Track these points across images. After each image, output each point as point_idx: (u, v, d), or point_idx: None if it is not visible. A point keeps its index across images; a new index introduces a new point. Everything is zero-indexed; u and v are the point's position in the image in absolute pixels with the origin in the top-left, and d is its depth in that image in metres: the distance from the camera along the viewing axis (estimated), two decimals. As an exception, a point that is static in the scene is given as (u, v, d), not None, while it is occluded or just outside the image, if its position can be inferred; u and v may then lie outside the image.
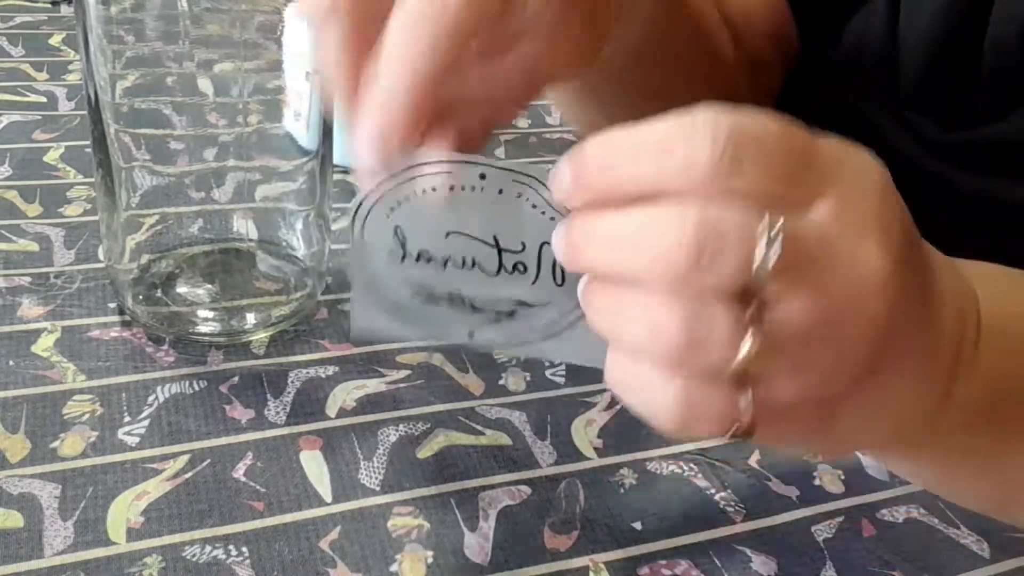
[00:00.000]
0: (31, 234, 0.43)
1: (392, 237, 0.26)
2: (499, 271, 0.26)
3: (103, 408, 0.34)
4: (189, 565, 0.29)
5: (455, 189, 0.25)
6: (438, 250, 0.26)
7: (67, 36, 0.63)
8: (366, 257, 0.26)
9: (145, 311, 0.38)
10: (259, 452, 0.34)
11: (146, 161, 0.37)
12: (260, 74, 0.37)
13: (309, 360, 0.38)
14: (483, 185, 0.25)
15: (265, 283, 0.40)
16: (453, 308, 0.27)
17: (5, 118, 0.52)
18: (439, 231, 0.26)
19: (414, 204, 0.26)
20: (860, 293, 0.22)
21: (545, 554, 0.31)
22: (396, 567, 0.30)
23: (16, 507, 0.30)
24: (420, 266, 0.26)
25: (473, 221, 0.26)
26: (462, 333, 0.27)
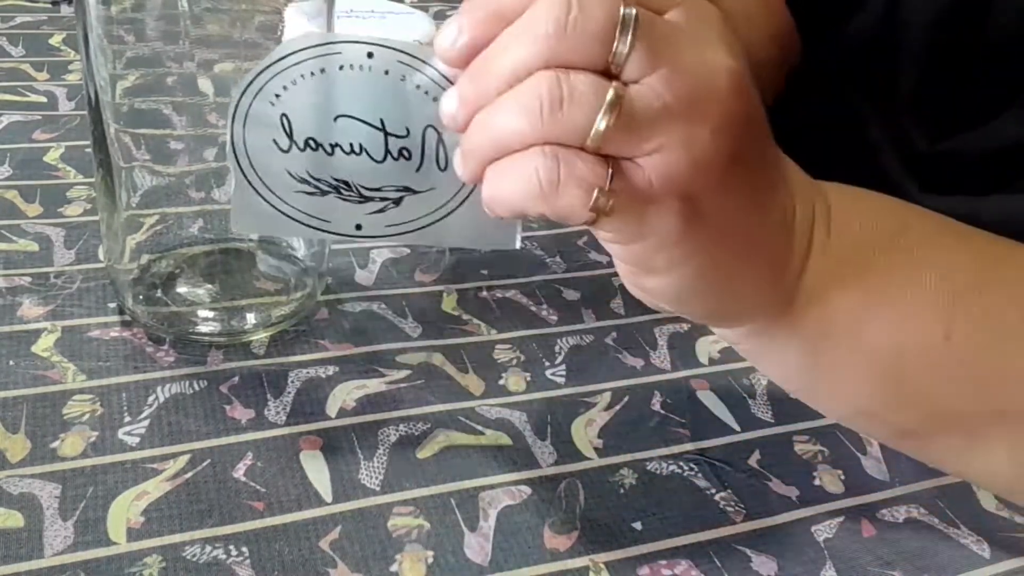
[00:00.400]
0: (31, 234, 0.43)
1: (278, 126, 0.26)
2: (385, 158, 0.27)
3: (103, 408, 0.34)
4: (189, 565, 0.29)
5: (343, 69, 0.26)
6: (325, 136, 0.26)
7: (67, 36, 0.63)
8: (249, 150, 0.27)
9: (145, 311, 0.38)
10: (259, 452, 0.34)
11: (146, 161, 0.37)
12: (260, 74, 0.37)
13: (309, 360, 0.38)
14: (371, 64, 0.26)
15: (265, 283, 0.40)
16: (340, 198, 0.27)
17: (5, 118, 0.52)
18: (327, 115, 0.26)
19: (302, 88, 0.26)
20: (712, 78, 0.24)
21: (545, 554, 0.31)
22: (396, 567, 0.30)
23: (16, 507, 0.30)
24: (307, 154, 0.26)
25: (361, 103, 0.26)
26: (349, 225, 0.27)
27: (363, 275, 0.44)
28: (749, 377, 0.41)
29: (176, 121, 0.37)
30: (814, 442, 0.38)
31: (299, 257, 0.41)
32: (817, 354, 0.31)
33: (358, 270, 0.44)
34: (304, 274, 0.41)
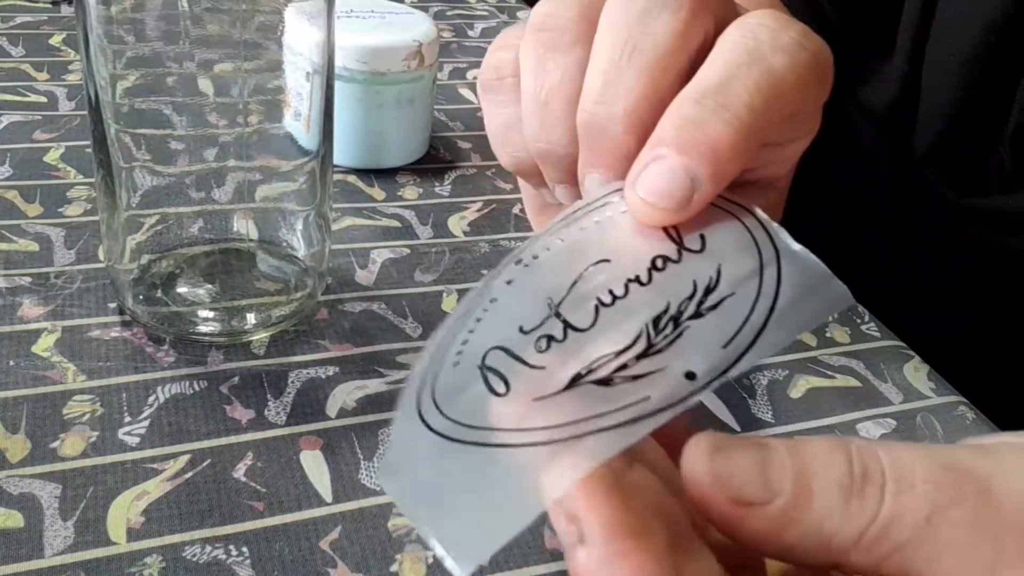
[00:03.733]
0: (31, 234, 0.43)
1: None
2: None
3: (103, 408, 0.34)
4: (189, 565, 0.29)
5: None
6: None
7: (67, 36, 0.63)
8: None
9: (145, 311, 0.38)
10: (259, 452, 0.34)
11: (146, 161, 0.37)
12: (260, 74, 0.37)
13: (309, 360, 0.38)
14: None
15: (265, 283, 0.40)
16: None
17: (5, 118, 0.52)
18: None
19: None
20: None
21: (545, 554, 0.31)
22: (396, 567, 0.30)
23: (16, 507, 0.30)
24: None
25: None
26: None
27: (363, 275, 0.44)
28: (749, 377, 0.41)
29: (176, 121, 0.37)
30: (814, 442, 0.38)
31: (299, 257, 0.41)
32: None
33: (358, 270, 0.44)
34: (304, 274, 0.41)
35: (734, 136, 0.23)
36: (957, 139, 0.49)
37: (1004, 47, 0.45)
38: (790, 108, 0.24)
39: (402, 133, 0.52)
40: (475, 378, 0.21)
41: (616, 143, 0.25)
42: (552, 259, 0.24)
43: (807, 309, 0.21)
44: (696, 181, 0.22)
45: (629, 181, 0.23)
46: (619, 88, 0.25)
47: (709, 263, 0.22)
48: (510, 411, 0.20)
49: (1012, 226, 0.48)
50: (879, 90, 0.52)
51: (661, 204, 0.23)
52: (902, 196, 0.54)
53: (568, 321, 0.22)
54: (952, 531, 0.19)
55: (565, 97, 0.26)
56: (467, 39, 0.73)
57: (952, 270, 0.53)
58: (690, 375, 0.20)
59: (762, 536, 0.19)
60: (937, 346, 0.45)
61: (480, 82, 0.30)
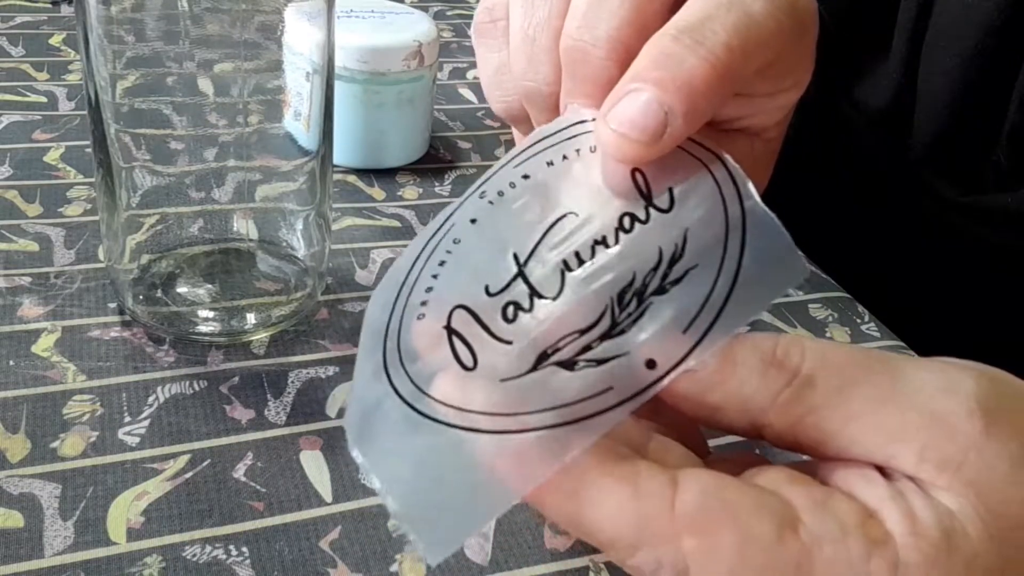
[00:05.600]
0: (31, 234, 0.43)
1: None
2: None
3: (103, 408, 0.34)
4: (189, 565, 0.29)
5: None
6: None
7: (67, 36, 0.63)
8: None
9: (145, 311, 0.38)
10: (259, 452, 0.34)
11: (146, 161, 0.37)
12: (260, 74, 0.37)
13: (309, 360, 0.38)
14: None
15: (265, 283, 0.40)
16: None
17: (5, 118, 0.52)
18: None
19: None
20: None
21: (545, 554, 0.31)
22: (396, 567, 0.30)
23: (16, 507, 0.30)
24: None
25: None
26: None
27: (363, 275, 0.44)
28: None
29: (176, 121, 0.37)
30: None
31: (299, 257, 0.41)
32: None
33: (358, 270, 0.44)
34: (304, 274, 0.41)
35: (710, 73, 0.23)
36: (954, 140, 0.49)
37: (1000, 49, 0.45)
38: (769, 53, 0.24)
39: (402, 133, 0.52)
40: (442, 341, 0.21)
41: (598, 69, 0.25)
42: (517, 199, 0.24)
43: (766, 284, 0.21)
44: (670, 115, 0.22)
45: (601, 114, 0.23)
46: (602, 12, 0.24)
47: (676, 227, 0.22)
48: (479, 391, 0.20)
49: (1011, 224, 0.48)
50: (875, 91, 0.52)
51: (633, 135, 0.22)
52: (900, 195, 0.54)
53: (534, 287, 0.22)
54: (861, 402, 0.21)
55: (552, 31, 0.26)
56: (467, 39, 0.73)
57: (951, 269, 0.53)
58: (650, 363, 0.21)
59: (689, 397, 0.21)
60: (937, 346, 0.45)
61: (474, 26, 0.30)
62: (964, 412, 0.21)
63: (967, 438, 0.20)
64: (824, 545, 0.20)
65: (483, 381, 0.21)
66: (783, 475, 0.22)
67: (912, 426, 0.21)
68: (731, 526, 0.20)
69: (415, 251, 0.24)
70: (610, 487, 0.20)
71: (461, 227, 0.24)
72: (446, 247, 0.23)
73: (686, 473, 0.20)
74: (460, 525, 0.20)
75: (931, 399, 0.21)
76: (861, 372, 0.21)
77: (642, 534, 0.20)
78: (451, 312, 0.22)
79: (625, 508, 0.20)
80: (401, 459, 0.21)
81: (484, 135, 0.58)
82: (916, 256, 0.55)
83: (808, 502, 0.20)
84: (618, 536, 0.20)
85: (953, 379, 0.21)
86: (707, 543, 0.20)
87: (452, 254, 0.23)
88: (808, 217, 0.44)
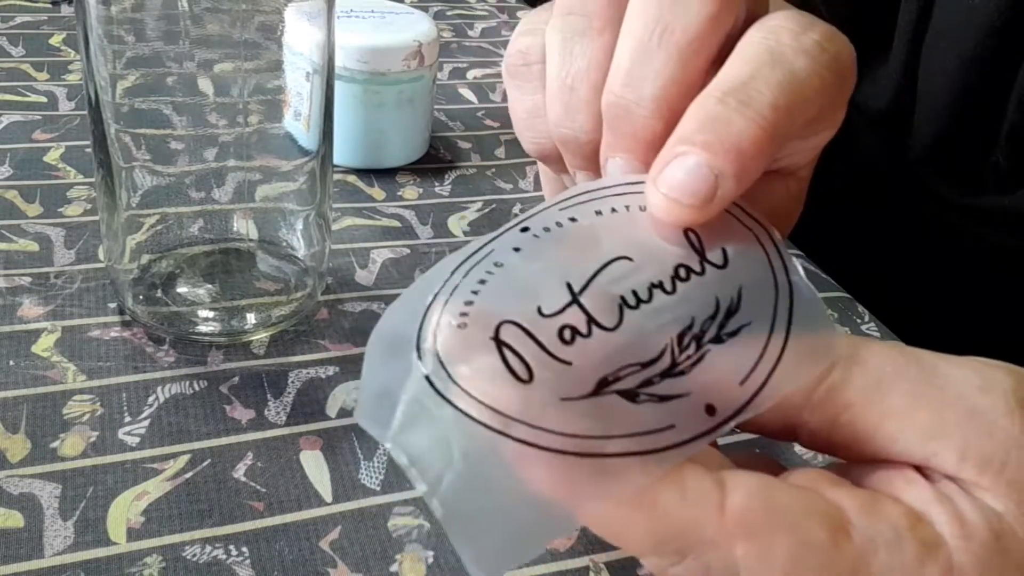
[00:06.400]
0: (31, 234, 0.43)
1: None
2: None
3: (103, 408, 0.34)
4: (189, 565, 0.29)
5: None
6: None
7: (67, 36, 0.63)
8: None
9: (145, 311, 0.38)
10: (259, 452, 0.34)
11: (146, 161, 0.37)
12: (260, 74, 0.37)
13: (309, 360, 0.38)
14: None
15: (265, 283, 0.40)
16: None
17: (5, 118, 0.52)
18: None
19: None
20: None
21: (545, 554, 0.31)
22: (396, 567, 0.30)
23: (16, 507, 0.30)
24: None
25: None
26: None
27: (363, 275, 0.44)
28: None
29: (176, 121, 0.37)
30: (814, 442, 0.38)
31: (299, 257, 0.41)
32: None
33: (358, 270, 0.44)
34: (304, 274, 0.41)
35: (758, 134, 0.22)
36: (954, 141, 0.49)
37: (1000, 50, 0.45)
38: (813, 110, 0.24)
39: (402, 133, 0.52)
40: (488, 350, 0.20)
41: (642, 127, 0.25)
42: (565, 237, 0.23)
43: (811, 355, 0.22)
44: (720, 178, 0.22)
45: (651, 178, 0.23)
46: (648, 70, 0.24)
47: (731, 283, 0.22)
48: (534, 404, 0.20)
49: (1010, 225, 0.48)
50: (875, 91, 0.52)
51: (683, 200, 0.22)
52: (900, 196, 0.54)
53: (592, 315, 0.21)
54: (898, 399, 0.21)
55: (591, 82, 0.26)
56: (467, 39, 0.73)
57: (951, 269, 0.53)
58: (710, 409, 0.21)
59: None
60: (937, 346, 0.45)
61: (506, 66, 0.29)
62: (1004, 409, 0.20)
63: (1009, 436, 0.20)
64: (879, 549, 0.19)
65: (546, 396, 0.20)
66: (822, 477, 0.21)
67: (951, 423, 0.20)
68: (785, 530, 0.19)
69: (447, 269, 0.23)
70: (656, 491, 0.19)
71: (503, 253, 0.23)
72: (486, 268, 0.23)
73: (732, 475, 0.20)
74: (516, 542, 0.20)
75: (969, 396, 0.21)
76: (895, 368, 0.21)
77: (691, 539, 0.19)
78: (499, 326, 0.21)
79: (673, 512, 0.19)
80: (449, 463, 0.20)
81: (484, 135, 0.58)
82: (916, 256, 0.55)
83: (857, 504, 0.20)
84: (665, 542, 0.19)
85: (989, 376, 0.21)
86: (760, 548, 0.19)
87: (494, 275, 0.22)
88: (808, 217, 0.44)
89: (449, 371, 0.20)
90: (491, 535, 0.19)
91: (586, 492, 0.19)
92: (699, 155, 0.22)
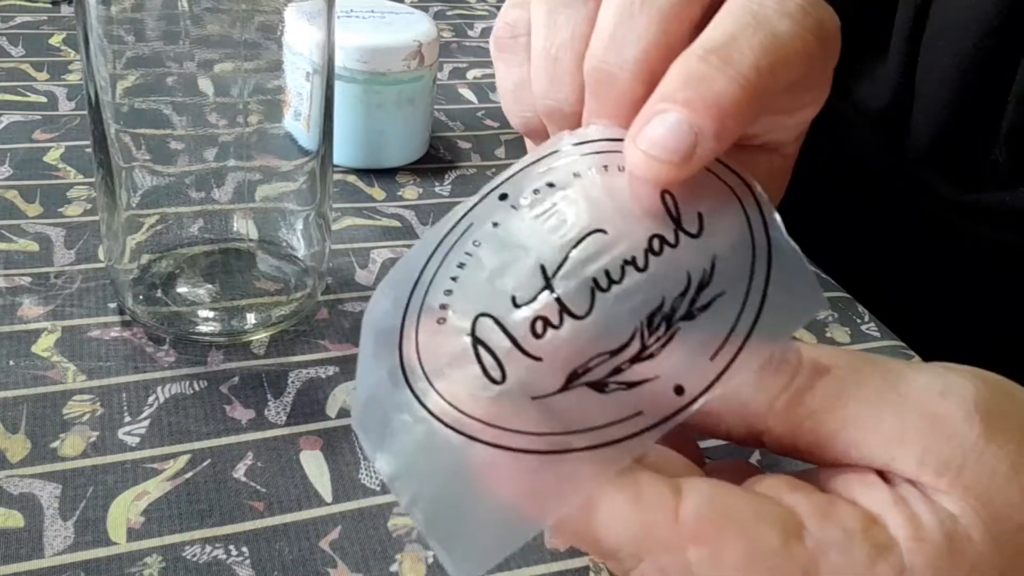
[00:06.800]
0: (31, 234, 0.43)
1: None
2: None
3: (103, 408, 0.34)
4: (189, 565, 0.29)
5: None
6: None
7: (67, 36, 0.63)
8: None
9: (145, 311, 0.38)
10: (259, 452, 0.34)
11: (146, 161, 0.37)
12: (260, 74, 0.37)
13: (309, 360, 0.38)
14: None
15: (265, 283, 0.40)
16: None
17: (5, 118, 0.52)
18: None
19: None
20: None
21: (545, 554, 0.31)
22: (396, 567, 0.30)
23: (16, 507, 0.30)
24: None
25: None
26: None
27: (363, 275, 0.44)
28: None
29: (176, 121, 0.37)
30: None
31: (299, 257, 0.41)
32: None
33: (358, 270, 0.44)
34: (304, 274, 0.41)
35: (739, 94, 0.22)
36: (953, 139, 0.49)
37: (999, 48, 0.45)
38: (795, 73, 0.24)
39: (402, 133, 0.52)
40: (465, 351, 0.21)
41: (624, 91, 0.24)
42: (541, 207, 0.23)
43: (788, 316, 0.22)
44: (700, 136, 0.22)
45: (630, 135, 0.23)
46: (630, 35, 0.24)
47: (704, 253, 0.22)
48: (506, 407, 0.20)
49: (1010, 223, 0.48)
50: (874, 90, 0.52)
51: (662, 156, 0.22)
52: (899, 195, 0.54)
53: (564, 303, 0.21)
54: (859, 405, 0.21)
55: (575, 52, 0.26)
56: (467, 39, 0.73)
57: (951, 268, 0.53)
58: (679, 389, 0.21)
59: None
60: (937, 346, 0.45)
61: (493, 40, 0.29)
62: (963, 415, 0.21)
63: (967, 441, 0.20)
64: (830, 552, 0.20)
65: (516, 398, 0.20)
66: (783, 483, 0.21)
67: (911, 429, 0.21)
68: (737, 534, 0.20)
69: (427, 248, 0.23)
70: (611, 496, 0.20)
71: (481, 230, 0.23)
72: (465, 248, 0.23)
73: (688, 482, 0.20)
74: (490, 546, 0.20)
75: (930, 402, 0.21)
76: (858, 375, 0.21)
77: (645, 543, 0.20)
78: (475, 319, 0.21)
79: (628, 517, 0.20)
80: (427, 475, 0.20)
81: (484, 135, 0.58)
82: (916, 256, 0.55)
83: (811, 509, 0.20)
84: (620, 546, 0.20)
85: (951, 383, 0.21)
86: (712, 552, 0.19)
87: (472, 257, 0.23)
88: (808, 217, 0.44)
89: (429, 379, 0.21)
90: (466, 541, 0.20)
91: (547, 495, 0.20)
92: (680, 112, 0.22)
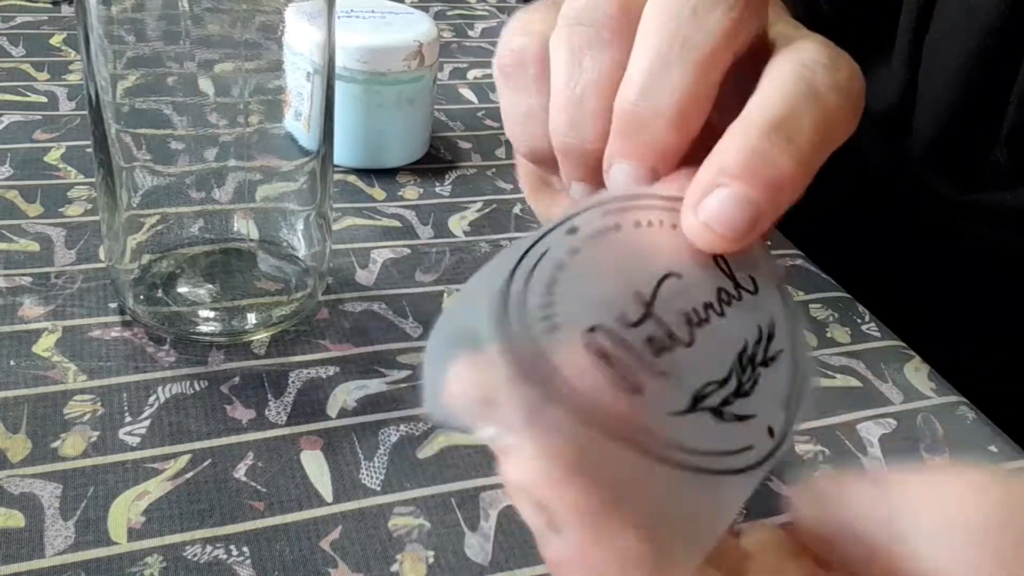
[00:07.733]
0: (32, 234, 0.43)
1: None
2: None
3: (104, 408, 0.34)
4: (190, 565, 0.29)
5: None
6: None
7: (67, 36, 0.63)
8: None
9: (146, 311, 0.38)
10: (260, 452, 0.34)
11: (147, 161, 0.37)
12: (260, 74, 0.37)
13: (310, 360, 0.38)
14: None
15: (266, 283, 0.40)
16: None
17: (6, 118, 0.52)
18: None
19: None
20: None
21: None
22: (397, 567, 0.30)
23: (17, 507, 0.30)
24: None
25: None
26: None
27: (363, 275, 0.44)
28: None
29: (176, 121, 0.37)
30: (815, 442, 0.38)
31: (300, 257, 0.41)
32: None
33: (358, 270, 0.44)
34: (304, 274, 0.41)
35: (798, 171, 0.23)
36: (954, 139, 0.49)
37: (1001, 49, 0.45)
38: (839, 142, 0.25)
39: (402, 133, 0.52)
40: (586, 358, 0.19)
41: (657, 138, 0.25)
42: (616, 244, 0.23)
43: (808, 398, 0.22)
44: (759, 212, 0.23)
45: (691, 203, 0.23)
46: (666, 82, 0.24)
47: (764, 310, 0.23)
48: (647, 418, 0.19)
49: (1010, 223, 0.48)
50: (877, 91, 0.52)
51: (722, 231, 0.23)
52: (900, 195, 0.54)
53: (670, 329, 0.21)
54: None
55: (601, 94, 0.26)
56: (467, 39, 0.73)
57: (951, 268, 0.53)
58: (771, 431, 0.21)
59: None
60: (937, 345, 0.45)
61: (498, 66, 0.29)
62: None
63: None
64: None
65: (652, 407, 0.20)
66: (782, 548, 0.21)
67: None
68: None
69: (506, 266, 0.21)
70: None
71: (560, 255, 0.22)
72: (549, 270, 0.21)
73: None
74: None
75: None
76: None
77: None
78: (588, 331, 0.20)
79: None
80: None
81: (484, 135, 0.58)
82: (916, 256, 0.55)
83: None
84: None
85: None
86: None
87: (564, 273, 0.21)
88: (808, 217, 0.44)
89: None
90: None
91: (696, 510, 0.19)
92: (741, 189, 0.22)
